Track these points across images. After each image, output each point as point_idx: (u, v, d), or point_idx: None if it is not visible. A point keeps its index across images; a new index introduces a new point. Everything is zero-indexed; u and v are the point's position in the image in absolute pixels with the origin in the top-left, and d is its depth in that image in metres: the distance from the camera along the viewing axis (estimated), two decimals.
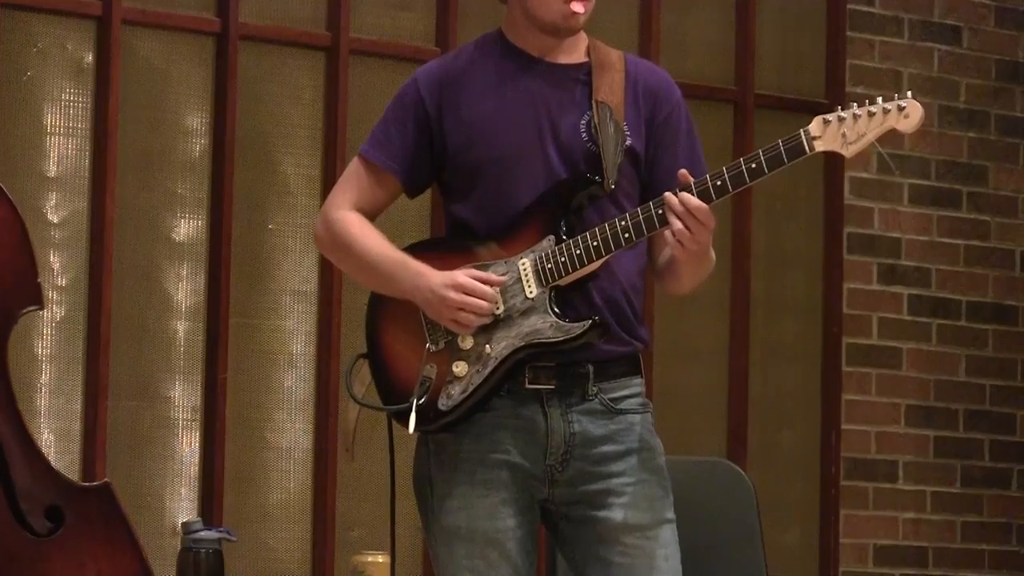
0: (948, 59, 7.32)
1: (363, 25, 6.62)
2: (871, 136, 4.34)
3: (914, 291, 7.22)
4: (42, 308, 4.64)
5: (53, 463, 4.58)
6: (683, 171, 4.26)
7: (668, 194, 4.25)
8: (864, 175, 7.15)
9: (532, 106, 4.40)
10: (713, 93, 7.04)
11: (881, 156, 6.92)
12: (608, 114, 4.39)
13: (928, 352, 7.21)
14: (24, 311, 4.28)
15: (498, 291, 4.33)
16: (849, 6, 7.19)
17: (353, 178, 4.49)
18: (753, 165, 4.28)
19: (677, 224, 4.23)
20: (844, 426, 7.11)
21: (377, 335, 4.47)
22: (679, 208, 4.23)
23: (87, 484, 4.25)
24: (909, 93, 4.30)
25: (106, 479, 4.27)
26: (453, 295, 4.28)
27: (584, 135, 4.38)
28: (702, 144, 4.51)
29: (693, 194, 4.23)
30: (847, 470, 7.09)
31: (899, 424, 7.15)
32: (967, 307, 7.27)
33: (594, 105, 4.39)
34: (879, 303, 7.19)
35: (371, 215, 4.46)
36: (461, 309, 4.29)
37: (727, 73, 7.10)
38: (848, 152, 4.35)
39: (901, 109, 4.31)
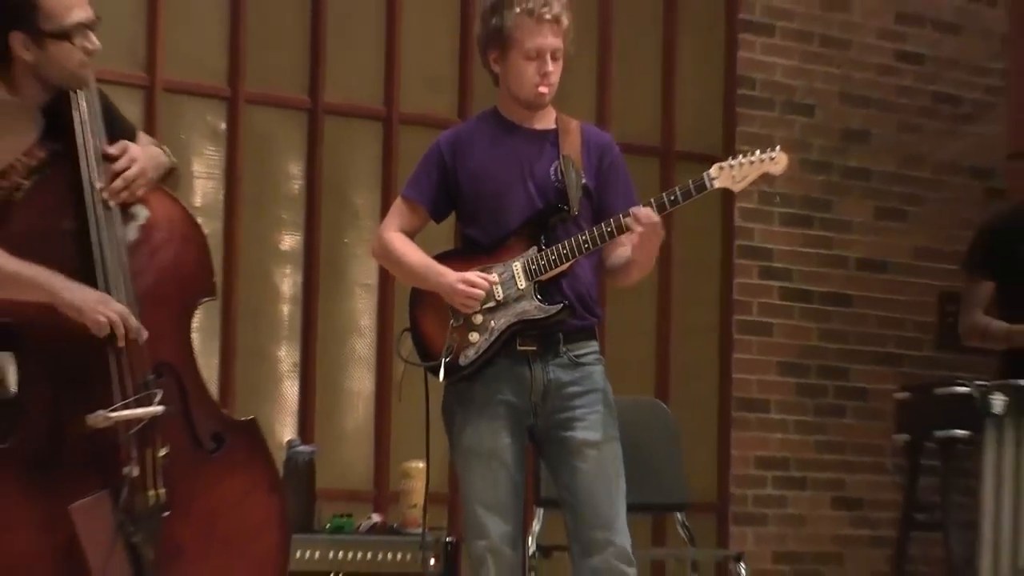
0: (806, 127, 7.32)
1: (408, 103, 6.61)
2: (752, 176, 4.38)
3: (782, 284, 7.22)
4: (215, 299, 4.45)
5: None
6: (637, 208, 4.29)
7: (635, 209, 4.28)
8: (749, 205, 7.13)
9: (516, 158, 4.43)
10: (643, 150, 6.99)
11: (771, 195, 6.97)
12: (571, 163, 4.42)
13: (791, 325, 7.22)
14: (204, 300, 4.18)
15: (497, 285, 4.36)
16: (739, 91, 7.17)
17: (397, 210, 4.53)
18: (672, 197, 4.36)
19: (640, 230, 4.29)
20: (735, 375, 7.13)
21: (416, 315, 4.50)
22: (645, 220, 4.27)
23: (240, 419, 4.14)
24: (778, 148, 4.37)
25: (252, 416, 4.17)
26: (462, 287, 4.33)
27: (554, 178, 4.42)
28: (637, 185, 4.57)
29: (654, 209, 4.28)
30: (737, 405, 7.11)
31: (772, 374, 7.16)
32: (817, 295, 7.27)
33: (561, 157, 4.42)
34: (758, 292, 7.19)
35: (411, 235, 4.49)
36: (465, 297, 4.35)
37: (655, 135, 7.10)
38: (736, 188, 4.41)
39: (772, 158, 4.37)
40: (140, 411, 3.85)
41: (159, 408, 3.88)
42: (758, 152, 4.38)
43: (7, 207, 3.90)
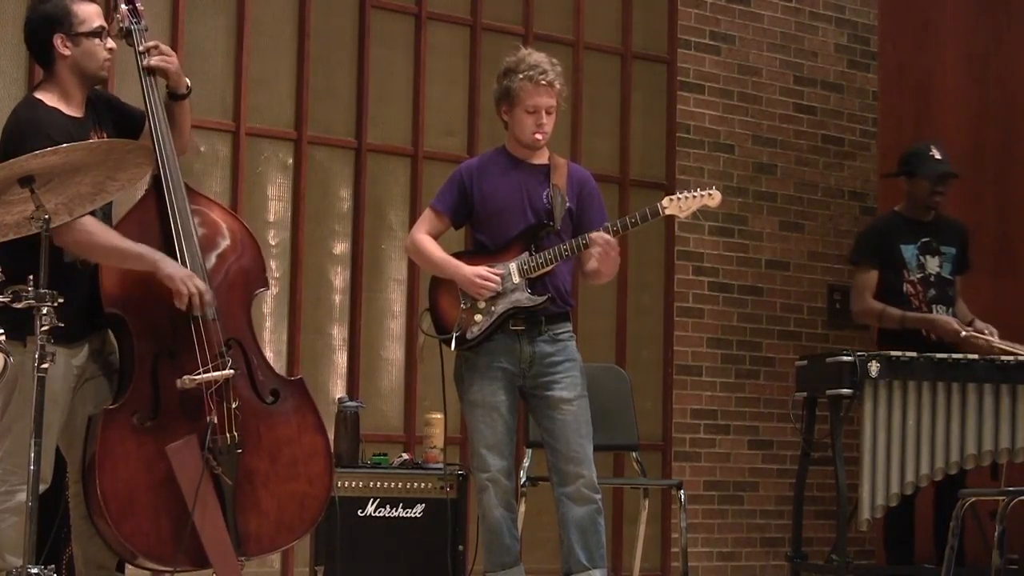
0: (727, 161, 7.19)
1: (430, 144, 6.48)
2: (694, 207, 4.38)
3: (711, 279, 7.09)
4: (269, 289, 4.56)
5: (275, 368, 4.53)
6: (595, 233, 4.27)
7: (594, 234, 4.26)
8: (686, 221, 6.87)
9: (519, 185, 4.38)
10: (604, 179, 6.78)
11: (696, 214, 6.83)
12: (558, 191, 4.38)
13: (717, 310, 7.09)
14: (260, 291, 4.19)
15: (499, 280, 4.31)
16: (678, 134, 7.05)
17: (426, 218, 4.47)
18: (633, 220, 4.34)
19: (599, 249, 4.24)
20: (675, 347, 6.99)
21: (434, 299, 4.44)
22: (602, 241, 4.25)
23: (291, 378, 4.16)
24: (714, 186, 4.34)
25: (300, 375, 4.23)
26: (476, 279, 4.28)
27: (545, 201, 4.37)
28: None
29: (611, 234, 4.27)
30: (677, 370, 6.98)
31: (703, 347, 7.04)
32: (736, 287, 7.14)
33: (551, 186, 4.39)
34: (692, 285, 7.07)
35: (435, 237, 4.43)
36: (480, 288, 4.29)
37: (615, 167, 6.96)
38: (682, 216, 4.41)
39: (710, 195, 4.36)
40: (216, 374, 3.87)
41: (231, 371, 3.90)
42: (699, 189, 4.36)
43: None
